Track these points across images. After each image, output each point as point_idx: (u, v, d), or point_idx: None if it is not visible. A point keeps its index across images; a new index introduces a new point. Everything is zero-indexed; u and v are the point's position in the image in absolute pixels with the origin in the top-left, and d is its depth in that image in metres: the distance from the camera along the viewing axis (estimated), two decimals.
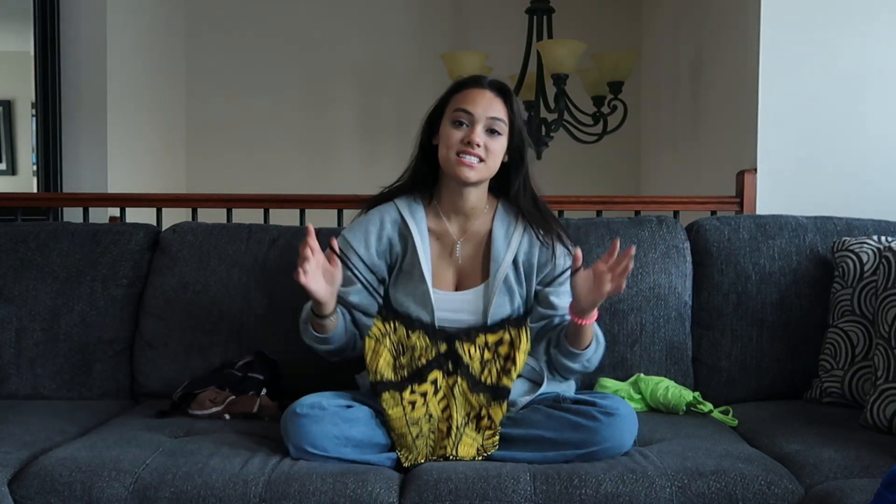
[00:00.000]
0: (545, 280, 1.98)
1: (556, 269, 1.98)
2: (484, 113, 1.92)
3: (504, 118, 1.94)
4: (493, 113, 1.93)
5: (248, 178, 4.47)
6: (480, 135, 1.92)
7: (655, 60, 4.33)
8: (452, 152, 1.92)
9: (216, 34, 4.65)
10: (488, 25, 4.61)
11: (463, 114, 1.93)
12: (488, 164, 1.94)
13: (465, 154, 1.91)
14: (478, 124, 1.92)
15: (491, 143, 1.93)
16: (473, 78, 2.00)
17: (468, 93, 1.95)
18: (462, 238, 2.01)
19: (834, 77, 2.77)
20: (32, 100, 3.51)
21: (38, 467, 1.72)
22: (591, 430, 1.75)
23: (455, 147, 1.92)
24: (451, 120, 1.94)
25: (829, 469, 1.71)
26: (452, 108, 1.95)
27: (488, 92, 1.95)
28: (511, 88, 2.00)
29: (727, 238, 2.31)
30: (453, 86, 2.01)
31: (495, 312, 1.93)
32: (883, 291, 1.99)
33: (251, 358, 2.22)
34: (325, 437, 1.75)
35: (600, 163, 4.50)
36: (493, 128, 1.93)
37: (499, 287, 1.94)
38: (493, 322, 1.92)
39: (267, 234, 2.39)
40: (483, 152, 1.92)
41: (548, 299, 1.96)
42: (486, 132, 1.93)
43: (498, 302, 1.94)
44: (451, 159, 1.92)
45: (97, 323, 2.31)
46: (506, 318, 1.93)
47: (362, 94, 4.70)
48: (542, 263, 1.98)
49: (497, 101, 1.95)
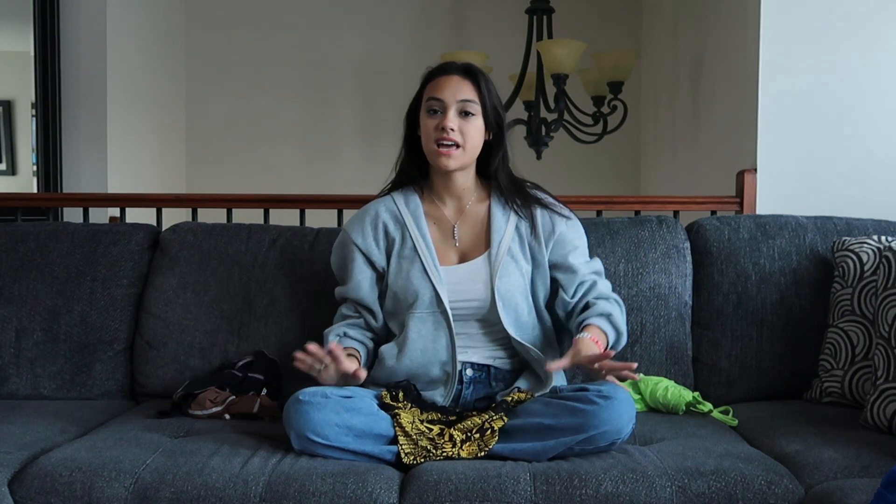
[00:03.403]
0: (555, 248, 2.05)
1: (554, 235, 2.05)
2: (453, 97, 1.98)
3: (474, 98, 2.00)
4: (462, 95, 1.99)
5: (248, 178, 4.48)
6: (453, 119, 1.98)
7: (655, 60, 4.33)
8: (431, 142, 2.00)
9: (216, 34, 4.65)
10: (488, 25, 4.61)
11: (434, 101, 2.00)
12: (466, 148, 2.00)
13: (441, 142, 1.98)
14: (449, 109, 1.98)
15: (465, 126, 1.99)
16: (440, 66, 2.06)
17: (437, 81, 2.02)
18: (458, 220, 2.07)
19: (834, 77, 2.77)
20: (32, 100, 3.52)
21: (38, 467, 1.72)
22: (589, 414, 1.74)
23: (432, 135, 1.99)
24: (426, 110, 2.01)
25: (830, 469, 1.71)
26: (425, 98, 2.02)
27: (455, 76, 2.01)
28: (478, 69, 2.05)
29: (727, 238, 2.31)
30: (425, 77, 2.07)
31: (503, 283, 1.98)
32: (883, 291, 1.99)
33: (251, 358, 2.22)
34: (327, 425, 1.75)
35: (600, 163, 4.50)
36: (464, 110, 1.99)
37: (504, 254, 2.00)
38: (501, 295, 1.97)
39: (267, 234, 2.39)
40: (459, 136, 1.98)
41: (566, 262, 2.04)
42: (459, 115, 1.99)
43: (504, 271, 1.99)
44: (432, 149, 2.00)
45: (97, 323, 2.31)
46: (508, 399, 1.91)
47: (362, 94, 4.70)
48: (547, 234, 2.05)
49: (465, 83, 2.00)
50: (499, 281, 1.98)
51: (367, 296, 2.05)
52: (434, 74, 2.04)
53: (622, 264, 2.27)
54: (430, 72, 2.06)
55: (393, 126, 4.44)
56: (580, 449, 1.74)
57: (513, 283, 2.00)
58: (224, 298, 2.30)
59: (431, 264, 2.00)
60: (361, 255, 2.05)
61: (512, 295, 2.00)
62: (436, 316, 1.98)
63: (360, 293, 2.05)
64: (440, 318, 1.98)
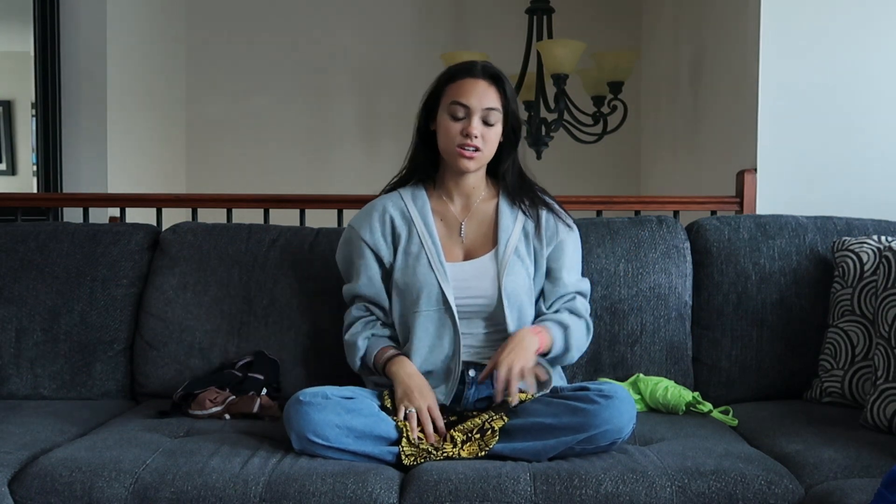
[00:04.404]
0: (552, 253, 2.06)
1: (556, 239, 2.06)
2: (479, 104, 1.98)
3: (498, 107, 2.00)
4: (487, 103, 1.98)
5: (248, 178, 4.48)
6: (477, 126, 1.98)
7: (655, 60, 4.33)
8: (452, 144, 1.99)
9: (216, 34, 4.65)
10: (488, 25, 4.61)
11: (459, 107, 1.98)
12: (485, 151, 2.02)
13: (464, 146, 1.98)
14: (474, 116, 1.98)
15: (487, 133, 2.00)
16: (466, 66, 2.03)
17: (463, 84, 2.00)
18: (466, 218, 2.08)
19: (834, 77, 2.77)
20: (32, 100, 3.51)
21: (38, 467, 1.72)
22: (590, 413, 1.75)
23: (455, 139, 1.99)
24: (449, 113, 1.99)
25: (830, 469, 1.71)
26: (448, 99, 2.00)
27: (482, 82, 2.00)
28: (501, 72, 2.04)
29: (727, 238, 2.31)
30: (448, 74, 2.04)
31: (510, 281, 1.99)
32: (883, 291, 1.99)
33: (251, 358, 2.22)
34: (328, 426, 1.75)
35: (600, 163, 4.50)
36: (488, 118, 1.99)
37: (511, 252, 2.01)
38: (507, 293, 1.98)
39: (267, 234, 2.39)
40: (480, 142, 1.99)
41: (558, 273, 2.04)
42: (483, 122, 1.99)
43: (511, 269, 2.00)
44: (452, 151, 2.00)
45: (97, 323, 2.31)
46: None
47: (362, 93, 4.70)
48: (550, 236, 2.06)
49: (491, 90, 2.00)
50: (506, 279, 1.99)
51: (380, 291, 2.05)
52: (459, 75, 2.01)
53: (622, 264, 2.27)
54: (454, 70, 2.04)
55: (393, 126, 4.43)
56: (581, 448, 1.74)
57: (519, 283, 2.00)
58: (224, 298, 2.30)
59: (437, 260, 2.00)
60: (370, 251, 2.05)
61: (518, 294, 2.00)
62: (441, 313, 1.98)
63: (373, 289, 2.05)
64: (445, 316, 1.98)
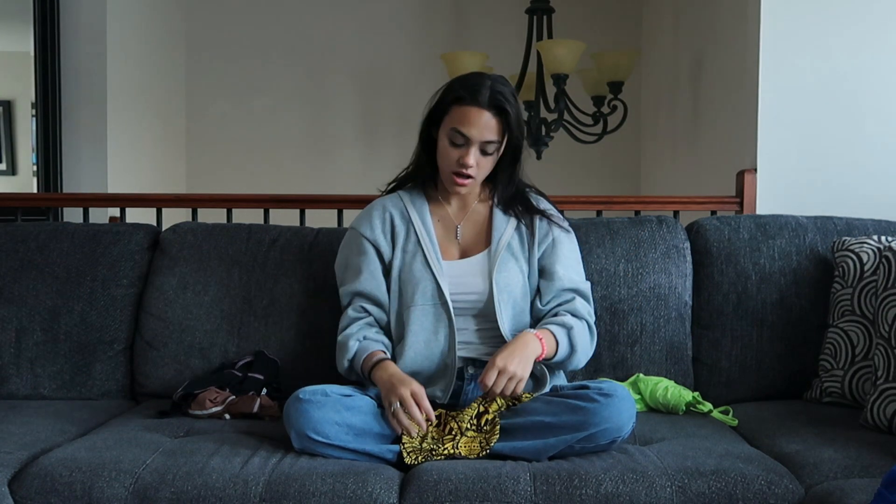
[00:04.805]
0: (545, 251, 2.07)
1: (549, 238, 2.07)
2: (479, 136, 1.97)
3: (498, 139, 1.99)
4: (487, 136, 1.98)
5: (248, 178, 4.48)
6: (473, 156, 1.99)
7: (655, 60, 4.33)
8: (448, 168, 2.02)
9: (216, 34, 4.65)
10: (488, 25, 4.60)
11: (459, 135, 1.98)
12: (478, 178, 2.05)
13: (459, 174, 2.01)
14: (472, 146, 1.99)
15: (483, 161, 2.02)
16: (474, 89, 1.96)
17: (467, 113, 1.96)
18: (462, 219, 2.11)
19: (834, 77, 2.77)
20: (32, 100, 3.51)
21: (38, 467, 1.72)
22: (590, 412, 1.75)
23: (451, 165, 2.01)
24: (448, 137, 2.00)
25: (830, 469, 1.71)
26: (451, 122, 1.98)
27: (486, 114, 1.96)
28: (509, 102, 1.97)
29: (727, 238, 2.31)
30: (456, 93, 1.99)
31: (501, 277, 2.01)
32: (883, 291, 1.99)
33: (251, 358, 2.23)
34: (328, 423, 1.75)
35: (600, 163, 4.50)
36: (486, 149, 2.00)
37: (503, 248, 2.03)
38: (500, 289, 2.00)
39: (267, 234, 2.39)
40: (475, 171, 2.01)
41: (552, 268, 2.05)
42: (480, 152, 2.00)
43: (503, 265, 2.02)
44: (447, 173, 2.04)
45: (97, 323, 2.31)
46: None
47: (362, 94, 4.70)
48: (543, 235, 2.07)
49: (493, 123, 1.97)
50: (497, 274, 2.01)
51: (380, 284, 2.05)
52: (466, 100, 1.96)
53: (622, 264, 2.27)
54: (462, 92, 1.97)
55: (393, 125, 4.42)
56: (581, 447, 1.75)
57: (511, 279, 2.02)
58: (224, 298, 2.30)
59: (434, 257, 2.03)
60: (371, 246, 2.07)
61: (511, 290, 2.01)
62: (437, 308, 1.99)
63: (374, 282, 2.05)
64: (441, 311, 1.99)
